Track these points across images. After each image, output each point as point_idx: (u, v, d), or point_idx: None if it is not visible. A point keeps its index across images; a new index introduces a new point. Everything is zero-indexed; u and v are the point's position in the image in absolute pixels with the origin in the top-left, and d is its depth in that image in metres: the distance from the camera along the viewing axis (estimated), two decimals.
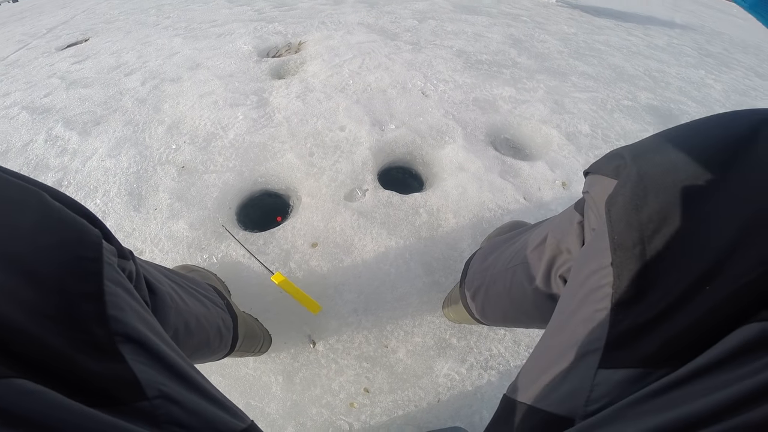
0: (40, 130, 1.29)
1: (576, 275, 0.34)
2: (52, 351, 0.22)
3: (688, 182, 0.27)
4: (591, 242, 0.34)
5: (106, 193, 1.00)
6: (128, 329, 0.26)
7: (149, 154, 1.10)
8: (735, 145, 0.27)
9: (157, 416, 0.25)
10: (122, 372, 0.25)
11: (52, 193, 0.28)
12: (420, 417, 0.66)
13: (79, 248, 0.26)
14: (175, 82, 1.46)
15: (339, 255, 0.84)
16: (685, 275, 0.25)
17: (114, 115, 1.32)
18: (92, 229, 0.28)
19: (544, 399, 0.30)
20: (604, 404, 0.26)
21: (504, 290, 0.52)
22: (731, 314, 0.23)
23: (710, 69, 2.10)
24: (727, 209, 0.25)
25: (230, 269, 0.81)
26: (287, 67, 1.55)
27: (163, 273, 0.47)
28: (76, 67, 1.78)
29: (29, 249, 0.24)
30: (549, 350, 0.33)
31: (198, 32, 2.02)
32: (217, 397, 0.30)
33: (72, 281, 0.25)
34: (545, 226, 0.48)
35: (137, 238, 0.88)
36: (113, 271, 0.28)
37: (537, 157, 1.17)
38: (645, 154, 0.31)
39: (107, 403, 0.23)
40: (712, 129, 0.29)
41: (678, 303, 0.25)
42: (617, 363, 0.27)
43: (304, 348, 0.73)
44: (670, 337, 0.25)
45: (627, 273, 0.28)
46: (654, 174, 0.29)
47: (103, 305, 0.26)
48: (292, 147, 1.08)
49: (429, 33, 1.91)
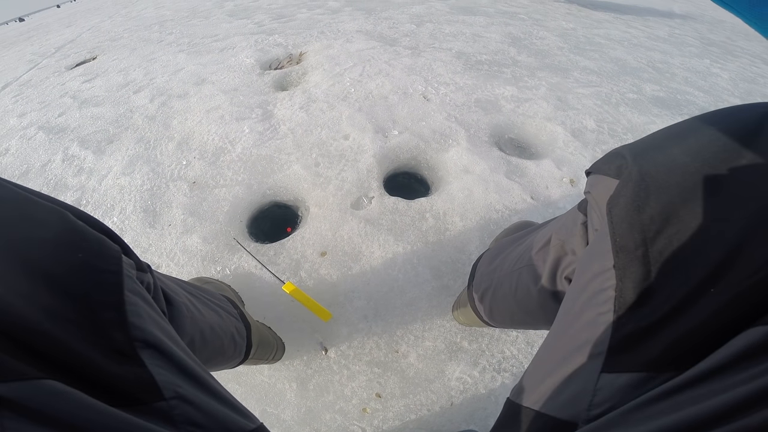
0: (57, 150, 1.33)
1: (579, 278, 0.33)
2: (76, 354, 0.24)
3: (691, 181, 0.26)
4: (593, 244, 0.33)
5: (122, 210, 1.04)
6: (147, 335, 0.28)
7: (161, 170, 1.14)
8: (738, 141, 0.26)
9: (173, 416, 0.26)
10: (142, 374, 0.26)
11: (75, 212, 0.30)
12: (433, 421, 0.67)
13: (101, 262, 0.28)
14: (182, 98, 1.50)
15: (348, 263, 0.85)
16: (689, 278, 0.25)
17: (126, 132, 1.36)
18: (112, 245, 0.30)
19: (547, 403, 0.30)
20: (607, 409, 0.26)
21: (510, 292, 0.52)
22: (736, 317, 0.23)
23: (715, 58, 2.07)
24: (732, 208, 0.24)
25: (243, 280, 0.84)
26: (289, 78, 1.58)
27: (180, 285, 0.49)
28: (86, 86, 1.83)
29: (54, 263, 0.26)
30: (552, 354, 0.33)
31: (201, 47, 2.06)
32: (229, 399, 0.32)
33: (95, 292, 0.27)
34: (550, 227, 0.48)
35: (153, 254, 0.91)
36: (132, 282, 0.30)
37: (543, 155, 1.16)
38: (646, 153, 0.30)
39: (128, 404, 0.25)
40: (715, 125, 0.28)
41: (682, 306, 0.25)
42: (620, 367, 0.27)
43: (317, 355, 0.74)
44: (673, 341, 0.25)
45: (630, 276, 0.27)
46: (656, 173, 0.28)
47: (124, 313, 0.27)
48: (298, 158, 1.11)
49: (427, 36, 1.93)
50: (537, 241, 0.48)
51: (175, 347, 0.30)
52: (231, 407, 0.31)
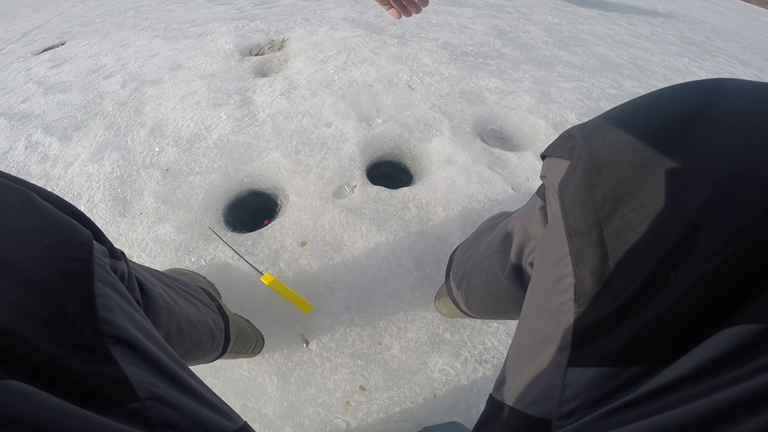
0: (19, 137, 1.25)
1: (539, 264, 0.32)
2: (42, 353, 0.22)
3: (643, 157, 0.25)
4: (548, 229, 0.31)
5: (90, 198, 0.98)
6: (119, 331, 0.26)
7: (132, 157, 1.08)
8: (691, 115, 0.24)
9: (148, 417, 0.24)
10: (113, 373, 0.24)
11: (42, 193, 0.27)
12: (417, 413, 0.66)
13: (69, 249, 0.26)
14: (156, 84, 1.43)
15: (329, 253, 0.83)
16: (647, 261, 0.23)
17: (95, 119, 1.28)
18: (82, 230, 0.28)
19: (521, 400, 0.29)
20: (577, 405, 0.25)
21: (482, 280, 0.51)
22: (701, 304, 0.21)
23: (693, 57, 2.13)
24: (688, 183, 0.23)
25: (219, 271, 0.80)
26: (270, 64, 1.53)
27: (154, 275, 0.47)
28: (53, 72, 1.72)
29: (16, 250, 0.23)
30: (522, 346, 0.32)
31: (178, 32, 1.97)
32: (209, 398, 0.30)
33: (61, 282, 0.24)
34: (516, 213, 0.47)
35: (124, 244, 0.86)
36: (104, 272, 0.28)
37: (524, 147, 1.17)
38: (596, 132, 0.29)
39: (100, 405, 0.23)
40: (666, 99, 0.27)
41: (642, 293, 0.23)
42: (585, 361, 0.25)
43: (298, 348, 0.72)
44: (635, 332, 0.23)
45: (586, 261, 0.26)
46: (606, 151, 0.27)
47: (94, 307, 0.25)
48: (278, 145, 1.07)
49: (414, 26, 1.90)
50: (507, 228, 0.47)
51: (150, 343, 0.28)
52: (211, 407, 0.29)
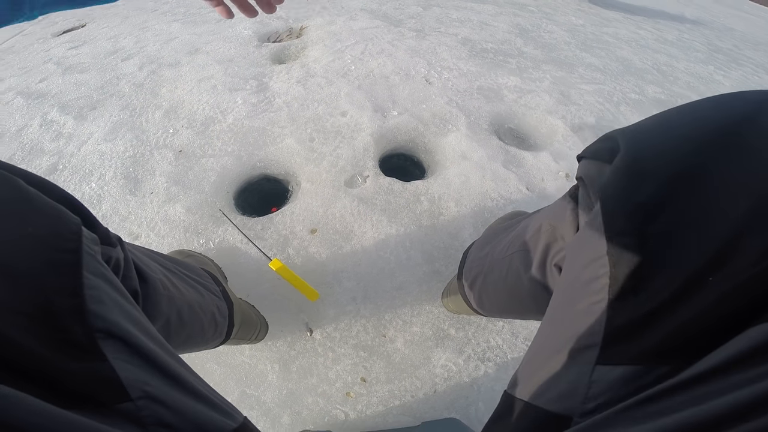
0: (35, 115, 1.26)
1: (571, 265, 0.32)
2: (26, 351, 0.21)
3: (685, 165, 0.25)
4: (584, 230, 0.31)
5: (101, 176, 0.98)
6: (110, 325, 0.24)
7: (146, 138, 1.08)
8: (736, 125, 0.24)
9: (141, 418, 0.23)
10: (103, 371, 0.23)
11: (28, 178, 0.26)
12: (416, 407, 0.65)
13: (55, 238, 0.24)
14: (173, 67, 1.43)
15: (338, 242, 0.82)
16: (686, 265, 0.23)
17: (110, 99, 1.29)
18: (71, 216, 0.26)
19: (541, 396, 0.29)
20: (602, 402, 0.25)
21: (500, 278, 0.50)
22: (735, 310, 0.21)
23: (719, 65, 2.07)
24: (730, 194, 0.23)
25: (227, 255, 0.80)
26: (288, 52, 1.52)
27: (155, 259, 0.45)
28: (72, 53, 1.74)
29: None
30: (546, 344, 0.31)
31: (197, 17, 1.98)
32: (207, 395, 0.29)
33: (47, 274, 0.23)
34: (541, 213, 0.46)
35: (133, 222, 0.87)
36: (94, 261, 0.26)
37: (541, 147, 1.14)
38: (639, 137, 0.29)
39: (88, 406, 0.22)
40: (712, 109, 0.27)
41: (678, 296, 0.23)
42: (615, 359, 0.25)
43: (301, 336, 0.72)
44: (669, 332, 0.23)
45: (623, 263, 0.26)
46: (650, 156, 0.27)
47: (82, 299, 0.24)
48: (292, 132, 1.06)
49: (433, 20, 1.87)
50: (530, 227, 0.47)
51: (145, 338, 0.26)
52: (210, 405, 0.28)
